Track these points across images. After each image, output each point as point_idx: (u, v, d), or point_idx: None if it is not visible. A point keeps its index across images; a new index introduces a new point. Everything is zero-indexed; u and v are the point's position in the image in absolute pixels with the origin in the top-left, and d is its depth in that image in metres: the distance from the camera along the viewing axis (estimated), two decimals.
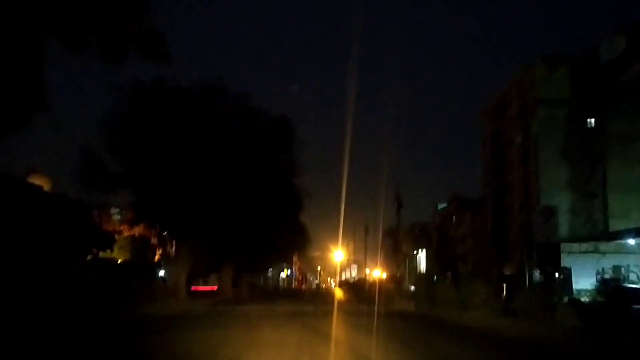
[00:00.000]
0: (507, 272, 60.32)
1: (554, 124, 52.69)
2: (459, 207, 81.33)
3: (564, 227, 50.40)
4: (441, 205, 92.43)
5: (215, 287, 43.41)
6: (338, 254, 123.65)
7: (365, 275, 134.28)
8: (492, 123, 65.13)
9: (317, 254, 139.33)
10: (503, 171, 62.31)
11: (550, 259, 42.75)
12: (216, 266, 42.81)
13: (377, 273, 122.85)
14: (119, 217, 54.73)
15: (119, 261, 44.08)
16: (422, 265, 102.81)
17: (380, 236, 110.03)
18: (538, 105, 53.70)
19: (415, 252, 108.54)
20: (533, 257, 51.54)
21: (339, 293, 72.23)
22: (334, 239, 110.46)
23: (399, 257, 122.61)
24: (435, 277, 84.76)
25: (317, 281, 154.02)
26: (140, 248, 53.23)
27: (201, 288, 47.90)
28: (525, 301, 28.58)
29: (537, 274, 44.23)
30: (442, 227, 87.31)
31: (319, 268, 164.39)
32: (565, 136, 52.44)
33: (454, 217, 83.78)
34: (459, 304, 33.70)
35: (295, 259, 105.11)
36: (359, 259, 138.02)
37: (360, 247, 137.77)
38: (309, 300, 38.75)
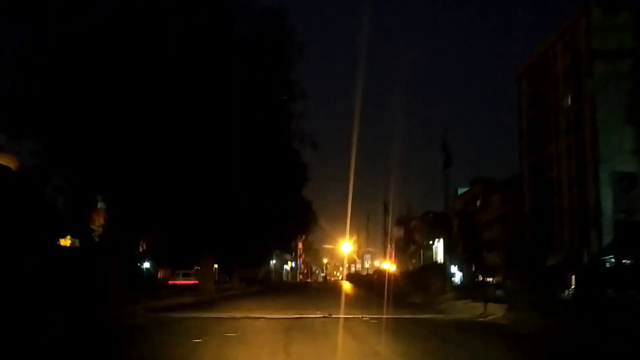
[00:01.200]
0: (551, 261, 50.35)
1: (614, 80, 42.55)
2: (484, 189, 71.15)
3: None
4: (462, 190, 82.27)
5: (197, 282, 33.85)
6: (345, 245, 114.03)
7: (377, 267, 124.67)
8: (531, 86, 54.84)
9: (323, 246, 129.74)
10: (544, 142, 52.09)
11: (629, 240, 32.64)
12: (195, 256, 32.93)
13: (386, 265, 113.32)
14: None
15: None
16: (439, 256, 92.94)
17: (390, 224, 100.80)
18: (594, 59, 43.51)
19: (430, 242, 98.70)
20: (589, 241, 41.58)
21: (346, 287, 62.95)
22: (341, 231, 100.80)
23: (411, 247, 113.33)
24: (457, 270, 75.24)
25: (323, 274, 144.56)
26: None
27: (181, 282, 38.06)
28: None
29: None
30: (463, 213, 77.04)
31: (325, 260, 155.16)
32: (630, 94, 42.34)
33: (478, 201, 73.64)
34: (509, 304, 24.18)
35: (299, 245, 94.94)
36: (371, 251, 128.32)
37: (370, 239, 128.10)
38: (316, 298, 28.73)
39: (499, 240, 65.48)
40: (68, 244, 30.26)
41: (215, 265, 47.54)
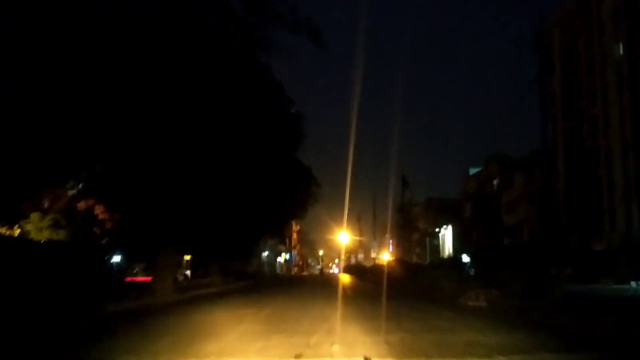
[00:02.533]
0: (598, 246, 41.68)
1: None
2: (502, 167, 62.35)
3: None
4: (474, 170, 73.53)
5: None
6: (343, 235, 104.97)
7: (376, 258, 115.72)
8: (566, 38, 45.83)
9: (326, 237, 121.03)
10: (585, 103, 43.14)
11: None
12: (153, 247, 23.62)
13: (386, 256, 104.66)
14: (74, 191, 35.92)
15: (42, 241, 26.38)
16: (448, 245, 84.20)
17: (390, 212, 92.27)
18: None
19: (437, 229, 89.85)
20: None
21: (345, 279, 54.46)
22: (338, 221, 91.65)
23: (415, 235, 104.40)
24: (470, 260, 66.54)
25: (319, 267, 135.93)
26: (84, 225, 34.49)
27: (140, 279, 28.92)
28: None
29: None
30: (478, 196, 68.17)
31: (321, 252, 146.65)
32: None
33: (494, 182, 64.78)
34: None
35: (294, 235, 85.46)
36: (368, 241, 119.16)
37: (367, 229, 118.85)
38: (321, 300, 19.71)
39: (522, 224, 56.82)
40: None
41: (187, 257, 38.59)
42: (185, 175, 20.38)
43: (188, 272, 39.56)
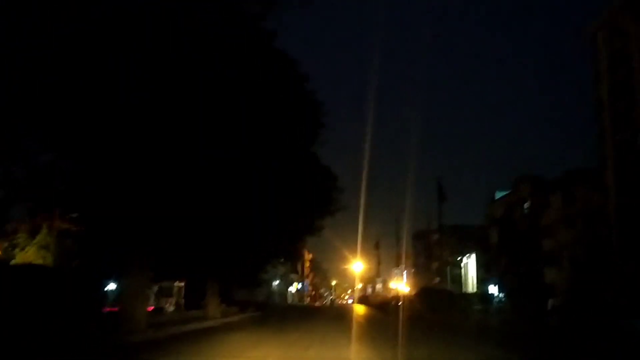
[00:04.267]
0: None
1: None
2: (534, 189, 56.30)
3: None
4: (500, 194, 67.39)
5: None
6: (357, 265, 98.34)
7: (391, 289, 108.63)
8: (614, 42, 40.27)
9: (343, 267, 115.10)
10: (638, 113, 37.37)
11: None
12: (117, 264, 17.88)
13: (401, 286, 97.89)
14: None
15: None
16: (472, 274, 77.57)
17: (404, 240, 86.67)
18: None
19: (458, 258, 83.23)
20: None
21: (360, 310, 48.70)
22: (353, 248, 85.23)
23: (434, 264, 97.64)
24: (498, 290, 60.00)
25: (331, 297, 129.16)
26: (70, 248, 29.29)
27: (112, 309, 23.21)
28: None
29: None
30: (506, 220, 61.80)
31: (333, 282, 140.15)
32: None
33: (525, 205, 58.56)
34: None
35: (307, 257, 79.03)
36: (385, 270, 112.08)
37: (386, 259, 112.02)
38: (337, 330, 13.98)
39: (561, 250, 50.44)
40: None
41: (180, 284, 32.69)
42: (169, 173, 15.00)
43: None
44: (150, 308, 25.03)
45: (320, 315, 37.62)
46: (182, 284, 31.50)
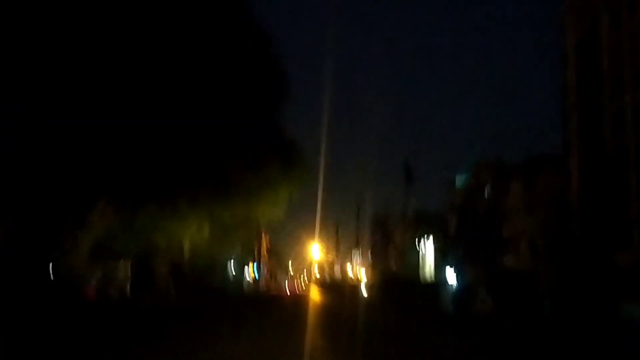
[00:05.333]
0: (625, 260, 34.99)
1: None
2: (495, 175, 55.77)
3: None
4: (461, 178, 66.79)
5: None
6: (315, 248, 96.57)
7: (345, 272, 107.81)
8: (583, 25, 39.51)
9: (289, 245, 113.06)
10: (609, 95, 36.70)
11: None
12: None
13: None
14: None
15: None
16: (429, 259, 77.20)
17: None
18: None
19: (416, 244, 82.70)
20: None
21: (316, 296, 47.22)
22: (309, 229, 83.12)
23: (391, 250, 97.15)
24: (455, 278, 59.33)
25: (287, 284, 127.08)
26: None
27: None
28: None
29: None
30: (466, 206, 61.25)
31: (290, 263, 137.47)
32: None
33: (485, 190, 58.07)
34: None
35: (265, 239, 76.66)
36: (343, 255, 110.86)
37: (345, 243, 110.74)
38: None
39: (519, 237, 50.09)
40: None
41: (128, 264, 29.88)
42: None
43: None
44: (92, 295, 22.11)
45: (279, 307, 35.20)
46: (129, 264, 28.71)
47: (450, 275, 62.36)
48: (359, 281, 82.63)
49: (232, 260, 63.70)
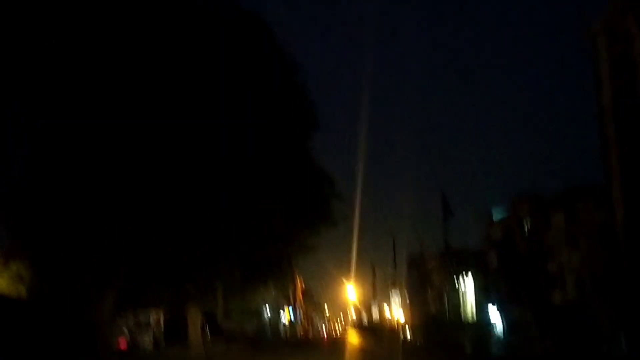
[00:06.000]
0: None
1: None
2: (534, 208, 53.88)
3: None
4: (498, 214, 64.74)
5: None
6: (350, 289, 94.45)
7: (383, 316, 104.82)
8: (616, 40, 38.43)
9: (323, 289, 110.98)
10: None
11: None
12: None
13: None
14: None
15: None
16: (470, 298, 74.45)
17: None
18: None
19: (455, 283, 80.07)
20: None
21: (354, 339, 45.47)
22: (344, 272, 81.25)
23: (429, 292, 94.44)
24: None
25: (325, 329, 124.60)
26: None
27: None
28: None
29: None
30: (506, 243, 59.23)
31: (325, 305, 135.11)
32: None
33: (525, 224, 56.06)
34: None
35: (299, 283, 75.28)
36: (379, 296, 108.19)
37: (380, 285, 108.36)
38: None
39: (564, 273, 47.81)
40: None
41: (159, 314, 29.43)
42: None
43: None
44: (124, 346, 21.76)
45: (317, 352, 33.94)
46: (161, 315, 28.31)
47: (494, 315, 59.95)
48: (397, 323, 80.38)
49: (267, 305, 62.66)
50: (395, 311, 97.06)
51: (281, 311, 75.85)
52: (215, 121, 12.48)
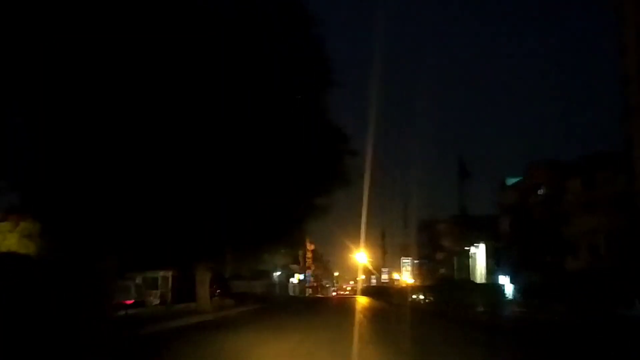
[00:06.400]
0: None
1: None
2: (551, 174, 52.66)
3: None
4: (512, 181, 63.68)
5: None
6: (360, 255, 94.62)
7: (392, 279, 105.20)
8: None
9: (335, 255, 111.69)
10: None
11: None
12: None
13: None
14: None
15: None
16: (480, 265, 74.03)
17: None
18: None
19: (466, 248, 79.66)
20: None
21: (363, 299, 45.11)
22: (354, 239, 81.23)
23: (439, 255, 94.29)
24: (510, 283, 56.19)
25: (334, 288, 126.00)
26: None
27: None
28: None
29: None
30: (520, 208, 58.25)
31: (336, 273, 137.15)
32: None
33: (540, 191, 54.99)
34: None
35: (309, 247, 75.51)
36: (389, 261, 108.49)
37: (390, 249, 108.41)
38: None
39: (580, 239, 46.97)
40: None
41: (168, 273, 29.16)
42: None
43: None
44: (129, 301, 21.68)
45: (325, 309, 34.20)
46: (170, 274, 28.08)
47: (504, 279, 59.48)
48: (407, 285, 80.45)
49: (277, 266, 62.76)
50: (405, 273, 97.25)
51: (291, 272, 76.26)
52: (228, 76, 11.57)
